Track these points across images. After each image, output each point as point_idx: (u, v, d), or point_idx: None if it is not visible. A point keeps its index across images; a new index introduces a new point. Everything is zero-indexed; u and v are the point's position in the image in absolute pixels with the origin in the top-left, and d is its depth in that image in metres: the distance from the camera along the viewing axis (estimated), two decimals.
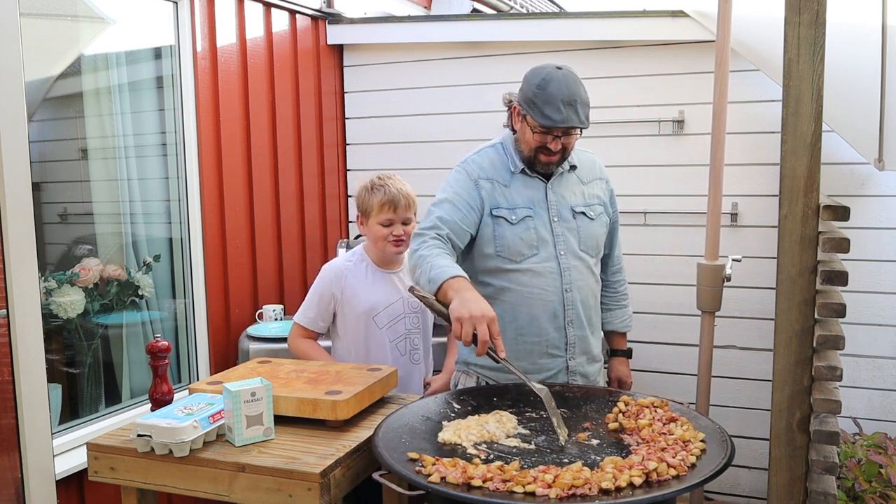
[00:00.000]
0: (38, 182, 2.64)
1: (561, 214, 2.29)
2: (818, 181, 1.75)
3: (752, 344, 3.45)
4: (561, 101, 2.12)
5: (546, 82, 2.15)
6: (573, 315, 2.28)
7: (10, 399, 2.36)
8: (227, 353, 3.36)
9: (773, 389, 1.83)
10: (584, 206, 2.32)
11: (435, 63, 3.95)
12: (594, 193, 2.36)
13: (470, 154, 2.37)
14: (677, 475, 1.62)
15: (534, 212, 2.26)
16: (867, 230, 3.21)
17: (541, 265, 2.25)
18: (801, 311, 1.78)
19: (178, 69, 3.17)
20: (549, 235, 2.27)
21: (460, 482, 1.60)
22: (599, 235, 2.34)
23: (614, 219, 2.46)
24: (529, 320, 2.26)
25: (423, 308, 2.56)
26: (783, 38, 1.73)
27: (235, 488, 1.86)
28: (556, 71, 2.17)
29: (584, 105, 2.16)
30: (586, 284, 2.31)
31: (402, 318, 2.58)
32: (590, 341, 2.35)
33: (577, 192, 2.33)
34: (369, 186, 2.55)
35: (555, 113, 2.12)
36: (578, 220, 2.30)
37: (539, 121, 2.15)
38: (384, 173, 2.59)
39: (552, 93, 2.12)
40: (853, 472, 2.71)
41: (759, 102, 3.34)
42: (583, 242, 2.30)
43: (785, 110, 1.75)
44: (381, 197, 2.50)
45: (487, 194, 2.25)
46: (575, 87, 2.15)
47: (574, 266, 2.28)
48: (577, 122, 2.14)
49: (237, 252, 3.41)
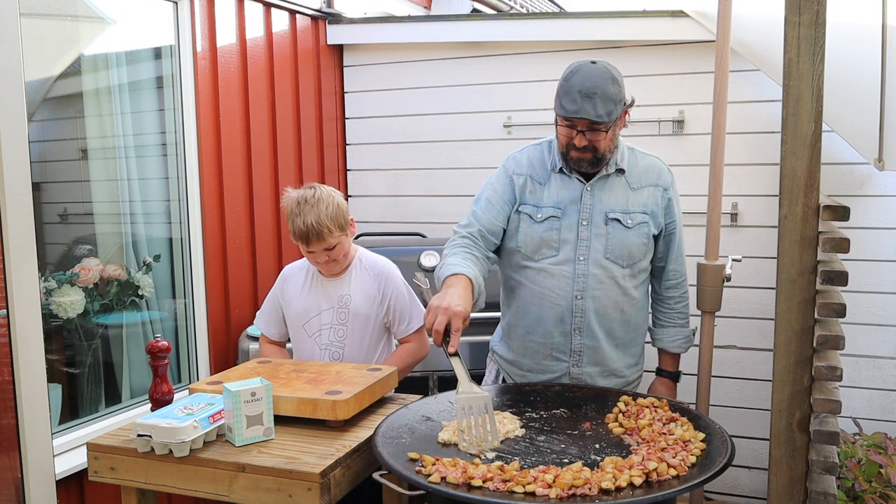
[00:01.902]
0: (38, 182, 2.64)
1: (592, 219, 2.20)
2: (818, 181, 1.75)
3: (752, 344, 3.45)
4: (578, 92, 2.05)
5: (571, 74, 2.11)
6: (581, 323, 2.21)
7: (10, 399, 2.36)
8: (227, 353, 3.36)
9: (773, 389, 1.83)
10: (623, 212, 2.20)
11: (435, 63, 3.95)
12: (641, 201, 2.23)
13: (516, 150, 2.36)
14: (677, 475, 1.62)
15: (563, 212, 2.21)
16: (867, 230, 3.21)
17: (556, 267, 2.21)
18: (801, 311, 1.78)
19: (178, 69, 3.17)
20: (572, 238, 2.20)
21: (460, 482, 1.60)
22: (634, 245, 2.21)
23: (670, 230, 2.30)
24: (536, 320, 2.25)
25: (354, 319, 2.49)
26: (783, 38, 1.73)
27: (235, 488, 1.86)
28: (587, 64, 2.11)
29: (608, 100, 2.06)
30: (606, 295, 2.20)
31: (329, 328, 2.50)
32: (606, 354, 2.25)
33: (619, 198, 2.22)
34: (289, 208, 2.40)
35: (570, 103, 2.07)
36: (611, 226, 2.19)
37: (556, 111, 2.14)
38: (306, 194, 2.38)
39: (573, 83, 2.08)
40: (853, 472, 2.71)
41: (759, 102, 3.34)
42: (610, 250, 2.19)
43: (785, 110, 1.75)
44: (292, 227, 2.39)
45: (519, 189, 2.26)
46: (600, 81, 2.06)
47: (593, 274, 2.19)
48: (592, 115, 2.04)
49: (237, 252, 3.41)
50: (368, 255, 2.59)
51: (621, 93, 2.11)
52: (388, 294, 2.51)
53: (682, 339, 2.42)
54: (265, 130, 3.58)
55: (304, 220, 2.34)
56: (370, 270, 2.53)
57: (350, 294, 2.50)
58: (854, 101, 2.78)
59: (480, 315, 2.75)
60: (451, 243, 2.23)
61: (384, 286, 2.51)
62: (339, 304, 2.50)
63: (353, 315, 2.49)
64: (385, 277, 2.52)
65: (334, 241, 2.38)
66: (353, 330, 2.50)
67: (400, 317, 2.52)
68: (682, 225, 2.36)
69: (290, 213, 2.40)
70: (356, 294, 2.50)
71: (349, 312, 2.49)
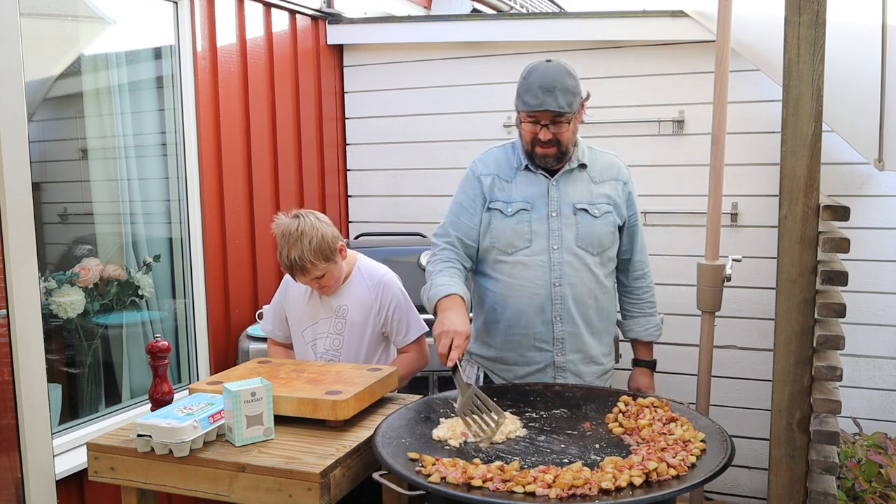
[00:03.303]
0: (38, 182, 2.64)
1: (561, 210, 2.30)
2: (818, 181, 1.75)
3: (752, 344, 3.45)
4: (539, 87, 2.17)
5: (529, 73, 2.23)
6: (562, 310, 2.30)
7: (10, 399, 2.36)
8: (227, 353, 3.36)
9: (773, 389, 1.83)
10: (589, 203, 2.31)
11: (435, 63, 3.95)
12: (604, 193, 2.34)
13: (479, 156, 2.45)
14: (677, 475, 1.62)
15: (532, 206, 2.30)
16: (867, 230, 3.21)
17: (532, 258, 2.29)
18: (801, 311, 1.78)
19: (178, 69, 3.17)
20: (544, 229, 2.29)
21: (460, 482, 1.60)
22: (602, 234, 2.32)
23: (632, 222, 2.41)
24: (518, 313, 2.32)
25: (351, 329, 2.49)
26: (783, 38, 1.73)
27: (235, 488, 1.86)
28: (543, 63, 2.23)
29: (567, 91, 2.17)
30: (581, 282, 2.30)
31: (325, 337, 2.51)
32: (585, 341, 2.34)
33: (583, 190, 2.32)
34: (277, 236, 2.39)
35: (532, 98, 2.18)
36: (579, 216, 2.30)
37: (519, 108, 2.24)
38: (290, 227, 2.36)
39: (531, 81, 2.20)
40: (853, 472, 2.71)
41: (759, 102, 3.34)
42: (581, 238, 2.29)
43: (785, 110, 1.75)
44: (279, 259, 2.39)
45: (487, 189, 2.34)
46: (558, 76, 2.18)
47: (567, 261, 2.29)
48: (554, 106, 2.16)
49: (237, 252, 3.41)
50: (368, 264, 2.58)
51: (578, 86, 2.23)
52: (386, 304, 2.50)
53: (653, 327, 2.50)
54: (265, 130, 3.58)
55: (288, 254, 2.33)
56: (368, 280, 2.52)
57: (347, 304, 2.49)
58: (854, 101, 2.78)
59: None
60: (434, 258, 2.33)
61: (382, 296, 2.50)
62: (337, 314, 2.50)
63: (350, 325, 2.49)
64: (383, 287, 2.51)
65: (319, 272, 2.37)
66: (349, 339, 2.50)
67: (398, 327, 2.52)
68: (641, 220, 2.47)
69: (278, 242, 2.40)
70: (353, 304, 2.50)
71: (346, 322, 2.49)
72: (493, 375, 2.42)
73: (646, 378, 2.50)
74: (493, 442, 1.85)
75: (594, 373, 2.38)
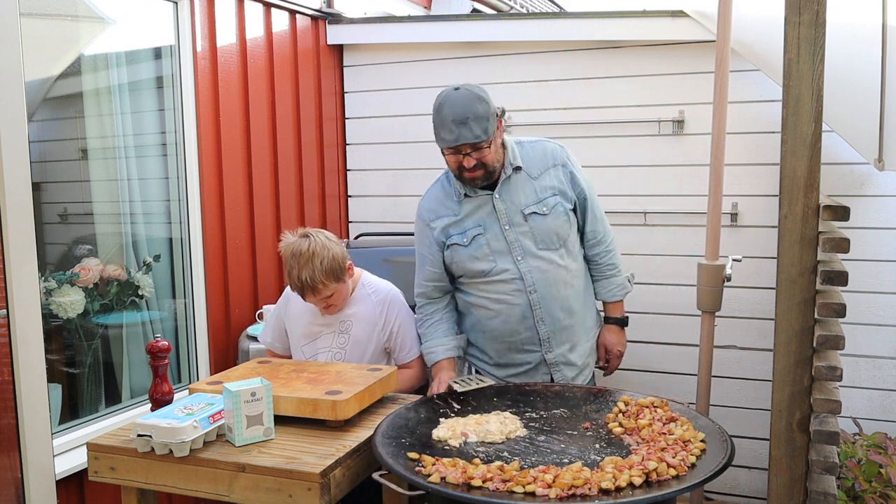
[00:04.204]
0: (38, 182, 2.64)
1: (512, 220, 2.36)
2: (818, 181, 1.75)
3: (752, 344, 3.45)
4: (452, 122, 2.21)
5: (441, 105, 2.26)
6: (542, 313, 2.37)
7: (10, 399, 2.36)
8: (227, 353, 3.36)
9: (773, 389, 1.83)
10: (536, 203, 2.36)
11: (435, 63, 3.95)
12: (546, 185, 2.39)
13: (421, 199, 2.52)
14: (677, 475, 1.62)
15: (484, 226, 2.37)
16: (867, 230, 3.21)
17: (502, 275, 2.36)
18: (801, 311, 1.78)
19: (178, 69, 3.17)
20: (503, 245, 2.36)
21: (460, 482, 1.60)
22: (557, 228, 2.38)
23: (581, 198, 2.45)
24: (501, 323, 2.41)
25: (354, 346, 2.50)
26: (783, 38, 1.74)
27: (235, 488, 1.86)
28: (451, 93, 2.26)
29: (480, 119, 2.20)
30: (553, 279, 2.37)
31: (327, 351, 2.51)
32: (571, 329, 2.43)
33: (527, 192, 2.37)
34: (285, 259, 2.39)
35: (447, 133, 2.23)
36: (531, 220, 2.35)
37: (438, 143, 2.29)
38: (300, 247, 2.35)
39: (444, 115, 2.23)
40: (853, 472, 2.71)
41: (759, 102, 3.34)
42: (539, 241, 2.36)
43: (785, 110, 1.75)
44: (288, 279, 2.39)
45: (440, 232, 2.42)
46: (468, 105, 2.21)
47: (535, 267, 2.36)
48: (470, 138, 2.20)
49: (237, 252, 3.41)
50: (372, 280, 2.58)
51: (490, 107, 2.25)
52: (391, 320, 2.51)
53: (616, 287, 2.56)
54: (265, 130, 3.58)
55: (299, 275, 2.34)
56: (374, 296, 2.53)
57: (351, 320, 2.49)
58: (854, 101, 2.78)
59: None
60: (420, 321, 2.51)
61: (387, 313, 2.51)
62: (340, 329, 2.50)
63: (353, 341, 2.49)
64: (389, 303, 2.52)
65: (329, 292, 2.38)
66: (351, 355, 2.50)
67: (401, 343, 2.53)
68: (593, 189, 2.51)
69: (286, 263, 2.40)
70: (357, 320, 2.50)
71: (349, 338, 2.49)
72: (489, 376, 2.48)
73: (613, 335, 2.58)
74: (493, 442, 1.85)
75: (581, 356, 2.47)
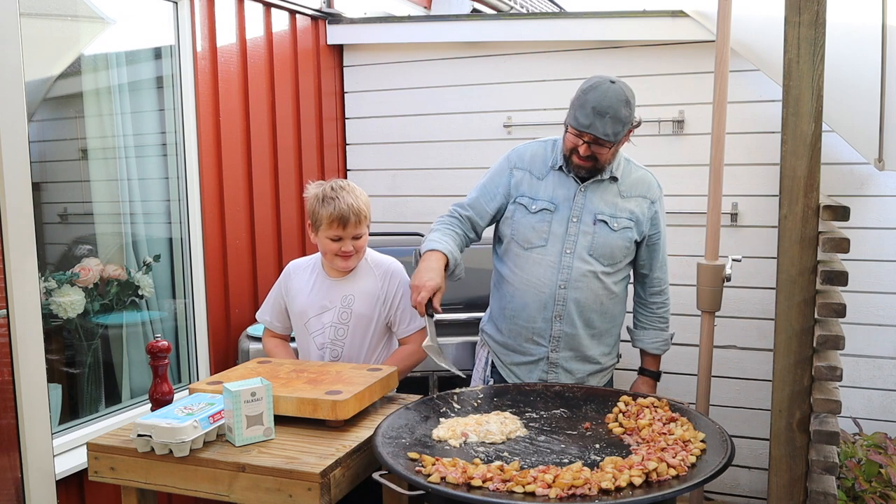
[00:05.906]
0: (38, 182, 2.64)
1: (581, 217, 2.36)
2: (818, 181, 1.75)
3: (752, 344, 3.45)
4: (592, 108, 2.20)
5: (590, 88, 2.24)
6: (563, 311, 2.37)
7: (10, 399, 2.36)
8: (227, 353, 3.36)
9: (773, 389, 1.83)
10: (610, 216, 2.36)
11: (435, 63, 3.95)
12: (628, 208, 2.39)
13: (521, 143, 2.51)
14: (677, 475, 1.62)
15: (555, 207, 2.37)
16: (867, 230, 3.21)
17: (543, 257, 2.37)
18: (801, 311, 1.78)
19: (178, 69, 3.17)
20: (561, 232, 2.36)
21: (460, 482, 1.60)
22: (616, 247, 2.37)
23: (654, 240, 2.46)
24: (522, 305, 2.41)
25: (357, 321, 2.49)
26: (783, 38, 1.73)
27: (235, 488, 1.86)
28: (606, 82, 2.24)
29: (617, 121, 2.20)
30: (588, 287, 2.36)
31: (330, 327, 2.49)
32: (581, 341, 2.40)
33: (608, 202, 2.38)
34: (321, 196, 2.41)
35: (583, 117, 2.22)
36: (598, 226, 2.36)
37: (568, 120, 2.28)
38: (339, 183, 2.44)
39: (589, 99, 2.22)
40: (853, 472, 2.71)
41: (759, 102, 3.34)
42: (594, 248, 2.35)
43: (785, 110, 1.75)
44: (329, 211, 2.37)
45: (517, 182, 2.42)
46: (614, 102, 2.20)
47: (576, 267, 2.35)
48: (600, 132, 2.20)
49: (237, 252, 3.41)
50: (374, 255, 2.58)
51: (631, 116, 2.26)
52: (392, 293, 2.50)
53: (662, 342, 2.57)
54: (265, 130, 3.58)
55: (344, 202, 2.38)
56: (375, 269, 2.53)
57: (354, 294, 2.49)
58: (854, 101, 2.78)
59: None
60: (439, 219, 2.49)
61: (388, 285, 2.51)
62: (343, 304, 2.49)
63: (356, 316, 2.49)
64: (390, 275, 2.52)
65: (363, 230, 2.44)
66: (353, 330, 2.49)
67: (402, 315, 2.52)
68: (666, 239, 2.52)
69: (323, 198, 2.39)
70: (360, 294, 2.49)
71: (352, 312, 2.48)
72: (497, 360, 2.51)
73: (647, 388, 2.58)
74: (493, 442, 1.85)
75: (587, 370, 2.45)
